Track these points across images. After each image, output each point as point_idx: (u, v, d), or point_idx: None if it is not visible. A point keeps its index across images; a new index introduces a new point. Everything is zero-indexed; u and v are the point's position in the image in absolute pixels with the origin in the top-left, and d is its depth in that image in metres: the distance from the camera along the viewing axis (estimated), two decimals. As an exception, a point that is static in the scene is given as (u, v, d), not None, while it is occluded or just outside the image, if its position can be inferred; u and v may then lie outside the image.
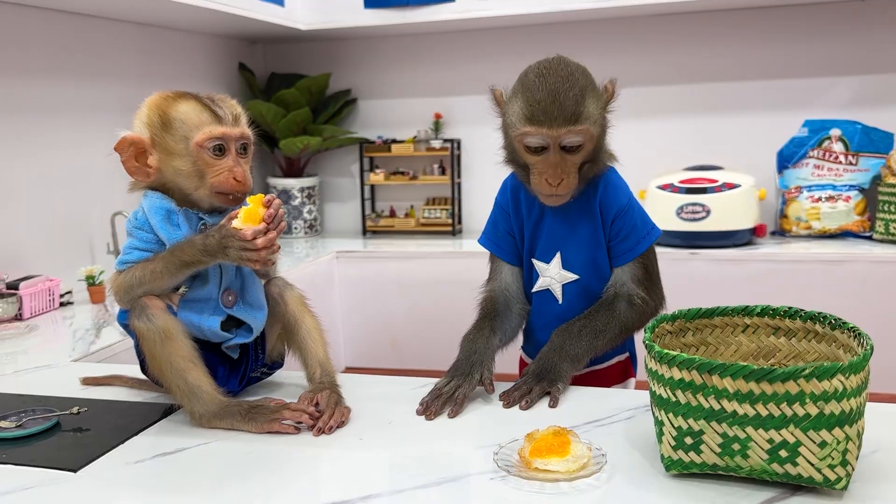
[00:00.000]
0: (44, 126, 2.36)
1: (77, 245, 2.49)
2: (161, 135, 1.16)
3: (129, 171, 1.19)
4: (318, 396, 1.18)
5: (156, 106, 1.18)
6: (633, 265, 1.32)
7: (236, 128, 1.18)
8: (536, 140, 1.20)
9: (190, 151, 1.15)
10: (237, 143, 1.18)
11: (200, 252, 1.13)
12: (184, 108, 1.16)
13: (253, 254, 1.12)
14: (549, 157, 1.21)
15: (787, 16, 3.02)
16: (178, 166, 1.16)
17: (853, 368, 0.84)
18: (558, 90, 1.18)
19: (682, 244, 2.81)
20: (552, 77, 1.20)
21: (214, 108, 1.17)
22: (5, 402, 1.30)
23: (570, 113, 1.18)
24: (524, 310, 1.41)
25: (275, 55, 3.63)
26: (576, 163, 1.22)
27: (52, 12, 2.38)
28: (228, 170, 1.16)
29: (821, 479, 0.86)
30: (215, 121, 1.16)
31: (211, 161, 1.16)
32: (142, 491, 0.98)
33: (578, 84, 1.20)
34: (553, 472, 0.94)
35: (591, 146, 1.22)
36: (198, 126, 1.15)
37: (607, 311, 1.30)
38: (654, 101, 3.20)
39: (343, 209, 3.66)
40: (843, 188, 2.92)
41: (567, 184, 1.22)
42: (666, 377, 0.91)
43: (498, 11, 2.92)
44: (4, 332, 1.90)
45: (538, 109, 1.19)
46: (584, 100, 1.19)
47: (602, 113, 1.24)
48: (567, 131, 1.19)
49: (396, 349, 3.11)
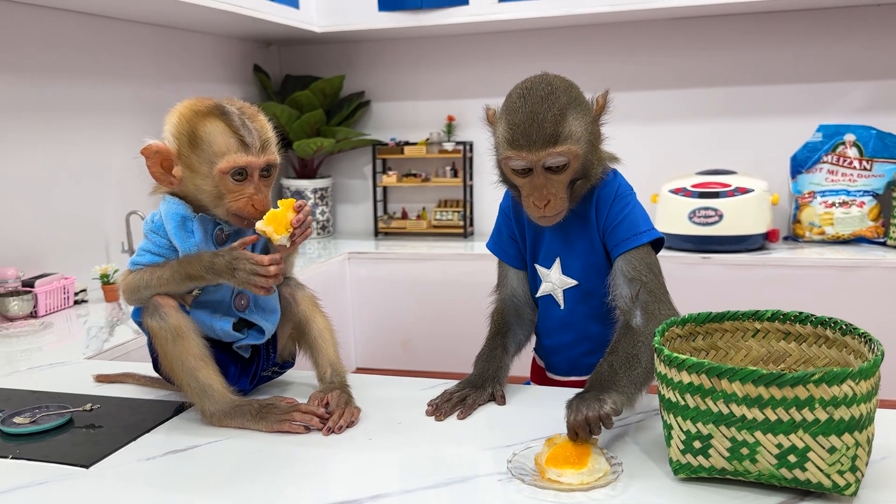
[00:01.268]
0: (60, 125, 2.38)
1: (92, 244, 2.52)
2: (187, 151, 1.16)
3: (153, 177, 1.20)
4: (329, 396, 1.19)
5: (186, 120, 1.17)
6: (634, 261, 1.25)
7: (262, 156, 1.17)
8: (519, 163, 1.19)
9: (212, 175, 1.15)
10: (259, 170, 1.18)
11: (205, 269, 1.14)
12: (212, 130, 1.15)
13: (262, 279, 1.13)
14: (534, 179, 1.20)
15: (802, 20, 3.01)
16: (200, 185, 1.17)
17: (863, 374, 0.84)
18: (537, 112, 1.16)
19: (694, 248, 2.80)
20: (532, 98, 1.18)
21: (243, 133, 1.15)
22: (20, 399, 1.32)
23: (550, 134, 1.16)
24: (535, 312, 1.41)
25: (289, 57, 3.65)
26: (562, 182, 1.20)
27: (70, 13, 2.40)
28: (248, 197, 1.17)
29: (830, 485, 0.86)
30: (241, 149, 1.15)
31: (232, 187, 1.16)
32: (153, 487, 0.99)
33: (559, 103, 1.17)
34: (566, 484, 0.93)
35: (576, 164, 1.20)
36: (223, 153, 1.15)
37: (627, 338, 1.19)
38: (668, 105, 3.20)
39: (355, 210, 3.68)
40: (857, 194, 2.91)
41: (554, 205, 1.20)
42: (675, 381, 0.91)
43: (511, 15, 2.92)
44: (20, 329, 1.92)
45: (518, 132, 1.18)
46: (564, 119, 1.17)
47: (589, 128, 1.21)
48: (547, 153, 1.17)
49: (407, 350, 3.12)
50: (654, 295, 1.22)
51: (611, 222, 1.27)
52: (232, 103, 1.19)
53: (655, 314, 1.20)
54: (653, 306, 1.21)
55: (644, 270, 1.24)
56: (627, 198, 1.28)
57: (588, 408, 1.01)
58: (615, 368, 1.13)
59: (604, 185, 1.29)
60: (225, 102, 1.18)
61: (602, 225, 1.28)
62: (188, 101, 1.20)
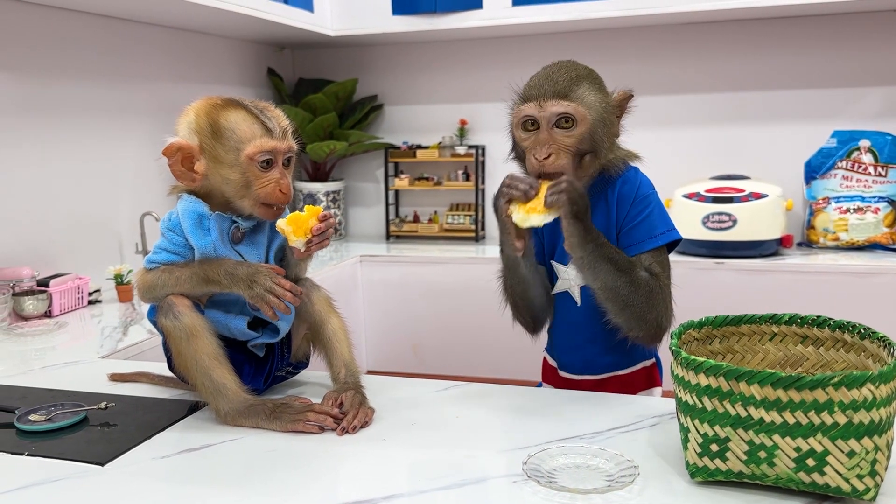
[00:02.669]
0: (76, 127, 2.39)
1: (106, 244, 2.53)
2: (211, 143, 1.17)
3: (175, 176, 1.20)
4: (343, 396, 1.19)
5: (206, 113, 1.18)
6: (646, 261, 1.26)
7: (285, 141, 1.19)
8: (527, 109, 1.23)
9: (240, 162, 1.16)
10: (283, 156, 1.20)
11: (225, 274, 1.15)
12: (234, 118, 1.17)
13: (274, 299, 1.14)
14: (540, 133, 1.22)
15: (817, 25, 2.99)
16: (227, 175, 1.17)
17: (883, 378, 0.83)
18: (552, 74, 1.24)
19: (708, 253, 2.79)
20: (552, 67, 1.27)
21: (265, 120, 1.18)
22: (35, 396, 1.32)
23: (561, 88, 1.22)
24: (551, 304, 1.40)
25: (303, 60, 3.66)
26: (567, 144, 1.21)
27: (85, 15, 2.42)
28: (275, 182, 1.18)
29: (849, 490, 0.85)
30: (266, 134, 1.17)
31: (259, 173, 1.17)
32: (167, 485, 0.99)
33: (577, 72, 1.25)
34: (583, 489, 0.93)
35: (584, 128, 1.21)
36: (249, 138, 1.16)
37: (625, 258, 1.23)
38: (682, 110, 3.19)
39: (367, 214, 3.68)
40: (872, 200, 2.89)
41: (555, 161, 1.20)
42: (692, 383, 0.91)
43: (525, 19, 2.93)
44: (34, 329, 1.93)
45: (531, 87, 1.25)
46: (578, 83, 1.23)
47: (603, 105, 1.24)
48: (555, 103, 1.21)
49: (418, 354, 3.12)
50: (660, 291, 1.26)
51: (629, 222, 1.28)
52: (241, 98, 1.21)
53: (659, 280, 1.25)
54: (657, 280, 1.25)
55: (654, 269, 1.26)
56: (649, 198, 1.29)
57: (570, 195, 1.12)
58: (609, 247, 1.19)
59: (624, 181, 1.29)
60: (235, 97, 1.21)
61: (620, 223, 1.29)
62: (200, 100, 1.21)
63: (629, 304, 1.21)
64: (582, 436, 1.09)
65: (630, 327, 1.24)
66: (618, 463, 0.98)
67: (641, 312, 1.22)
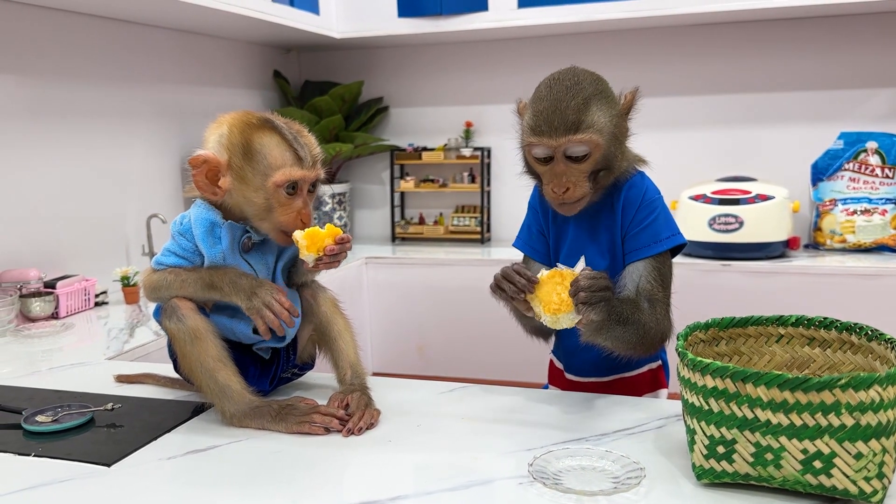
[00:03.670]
0: (83, 129, 2.40)
1: (113, 246, 2.54)
2: (240, 162, 1.16)
3: (198, 187, 1.19)
4: (349, 398, 1.19)
5: (240, 131, 1.17)
6: (647, 268, 1.26)
7: (313, 171, 1.19)
8: (540, 150, 1.21)
9: (266, 187, 1.16)
10: (309, 183, 1.20)
11: (228, 282, 1.16)
12: (268, 142, 1.16)
13: (270, 315, 1.14)
14: (555, 166, 1.21)
15: (823, 27, 2.99)
16: (251, 197, 1.17)
17: (890, 380, 0.83)
18: (561, 100, 1.18)
19: (714, 255, 2.78)
20: (557, 87, 1.20)
21: (297, 147, 1.17)
22: (42, 398, 1.33)
23: (572, 122, 1.17)
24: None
25: (309, 63, 3.67)
26: (583, 171, 1.21)
27: (92, 18, 2.43)
28: (297, 211, 1.18)
29: (856, 492, 0.85)
30: (296, 163, 1.17)
31: (283, 200, 1.17)
32: (173, 486, 0.99)
33: (584, 93, 1.19)
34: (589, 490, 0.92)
35: (598, 154, 1.20)
36: (280, 165, 1.16)
37: (631, 303, 1.21)
38: (689, 111, 3.18)
39: (373, 216, 3.69)
40: (879, 201, 2.88)
41: (573, 193, 1.21)
42: (699, 385, 0.90)
43: (530, 21, 2.93)
44: (41, 330, 1.94)
45: (541, 119, 1.20)
46: (587, 108, 1.18)
47: (614, 121, 1.22)
48: (568, 140, 1.18)
49: (423, 355, 3.12)
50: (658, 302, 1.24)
51: (633, 228, 1.28)
52: (276, 118, 1.20)
53: (656, 308, 1.23)
54: (656, 305, 1.23)
55: (653, 278, 1.25)
56: (654, 204, 1.28)
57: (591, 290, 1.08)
58: (622, 304, 1.15)
59: (630, 186, 1.29)
60: (271, 116, 1.19)
61: (626, 227, 1.29)
62: (235, 112, 1.20)
63: (635, 346, 1.21)
64: (588, 438, 1.09)
65: (635, 355, 1.25)
66: (624, 465, 0.98)
67: (646, 347, 1.22)
